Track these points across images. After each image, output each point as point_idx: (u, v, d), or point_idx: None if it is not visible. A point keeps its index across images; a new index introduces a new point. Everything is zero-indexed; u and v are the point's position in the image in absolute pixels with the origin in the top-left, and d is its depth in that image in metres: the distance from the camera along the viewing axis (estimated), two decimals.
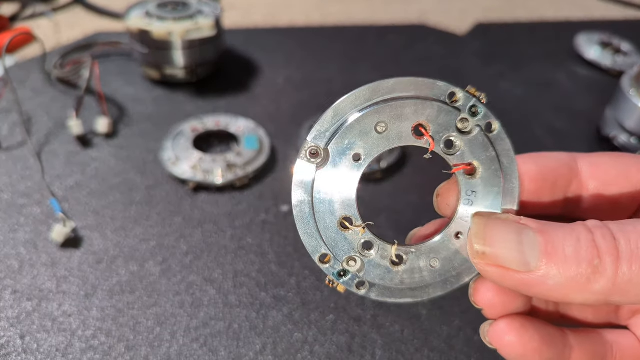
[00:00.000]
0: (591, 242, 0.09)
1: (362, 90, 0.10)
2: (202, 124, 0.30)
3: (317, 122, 0.09)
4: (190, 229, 0.24)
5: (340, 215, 0.10)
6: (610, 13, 0.52)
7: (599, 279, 0.08)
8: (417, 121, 0.10)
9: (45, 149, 0.29)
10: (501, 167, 0.10)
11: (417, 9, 0.50)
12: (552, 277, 0.08)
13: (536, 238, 0.09)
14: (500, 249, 0.09)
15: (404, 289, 0.10)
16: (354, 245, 0.10)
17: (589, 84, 0.39)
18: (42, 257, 0.22)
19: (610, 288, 0.08)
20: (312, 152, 0.10)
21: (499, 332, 0.10)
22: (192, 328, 0.20)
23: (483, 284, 0.10)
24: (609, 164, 0.12)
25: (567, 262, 0.08)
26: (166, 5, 0.34)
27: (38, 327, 0.19)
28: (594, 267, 0.08)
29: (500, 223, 0.09)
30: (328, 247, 0.10)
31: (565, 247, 0.09)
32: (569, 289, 0.08)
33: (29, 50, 0.39)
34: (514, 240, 0.09)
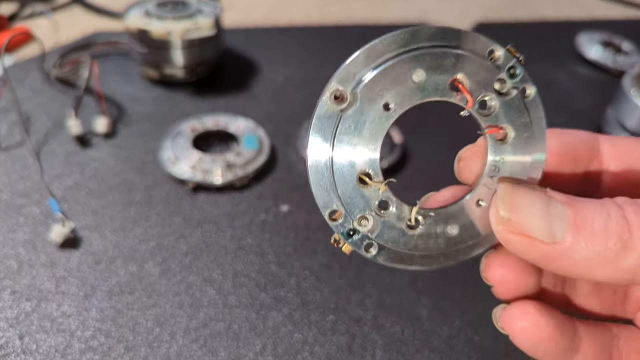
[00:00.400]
0: (621, 217, 0.08)
1: (400, 34, 0.09)
2: (201, 124, 0.29)
3: (346, 62, 0.08)
4: (189, 229, 0.24)
5: (361, 169, 0.09)
6: (611, 12, 0.52)
7: (629, 254, 0.08)
8: (455, 75, 0.09)
9: (44, 149, 0.28)
10: (532, 135, 0.10)
11: (418, 9, 0.50)
12: (578, 250, 0.08)
13: (564, 210, 0.08)
14: (527, 217, 0.08)
15: (414, 255, 0.10)
16: (371, 203, 0.09)
17: (590, 84, 0.39)
18: (41, 258, 0.22)
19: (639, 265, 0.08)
20: (336, 96, 0.09)
21: (512, 316, 0.10)
22: (191, 329, 0.20)
23: (495, 259, 0.10)
24: (631, 146, 0.11)
25: (595, 235, 0.08)
26: (165, 5, 0.33)
27: (37, 327, 0.19)
28: (623, 242, 0.08)
29: (528, 191, 0.09)
30: (342, 203, 0.09)
31: (594, 221, 0.08)
32: (596, 263, 0.08)
33: (28, 50, 0.39)
34: (541, 210, 0.08)
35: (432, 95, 0.09)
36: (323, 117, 0.09)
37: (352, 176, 0.09)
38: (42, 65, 0.35)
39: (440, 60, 0.09)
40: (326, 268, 0.22)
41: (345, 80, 0.09)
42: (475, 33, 0.09)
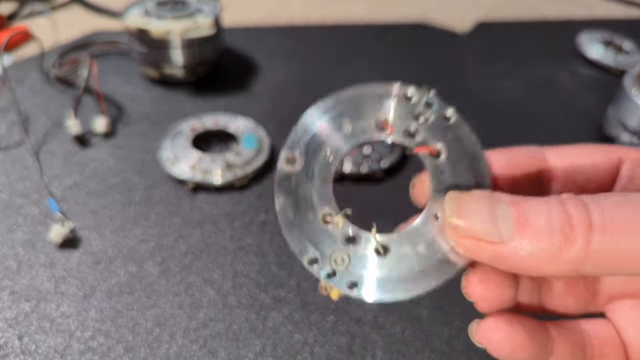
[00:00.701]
0: (563, 212, 0.09)
1: (327, 100, 0.11)
2: (201, 124, 0.29)
3: (291, 132, 0.11)
4: (189, 230, 0.24)
5: (321, 210, 0.11)
6: (612, 12, 0.52)
7: (571, 247, 0.08)
8: (377, 115, 0.11)
9: (43, 149, 0.28)
10: (465, 148, 0.11)
11: (418, 8, 0.50)
12: (524, 247, 0.09)
13: (509, 210, 0.09)
14: (473, 221, 0.09)
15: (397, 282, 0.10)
16: (337, 239, 0.11)
17: (591, 83, 0.39)
18: (40, 258, 0.22)
19: (582, 257, 0.08)
20: (288, 159, 0.11)
21: (486, 331, 0.11)
22: (191, 329, 0.20)
23: (474, 276, 0.10)
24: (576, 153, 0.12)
25: (538, 231, 0.08)
26: (165, 4, 0.33)
27: (36, 328, 0.19)
28: (565, 236, 0.08)
29: (473, 197, 0.10)
30: (314, 247, 0.10)
31: (537, 218, 0.09)
32: (541, 259, 0.08)
33: (27, 49, 0.39)
34: (487, 212, 0.09)
35: (362, 138, 0.11)
36: (282, 179, 0.11)
37: (316, 220, 0.11)
38: (41, 64, 0.34)
39: (360, 110, 0.11)
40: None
41: (293, 146, 0.11)
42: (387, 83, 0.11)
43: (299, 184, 0.11)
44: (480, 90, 0.37)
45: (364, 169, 0.27)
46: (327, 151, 0.11)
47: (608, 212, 0.08)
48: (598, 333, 0.11)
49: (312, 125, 0.11)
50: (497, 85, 0.38)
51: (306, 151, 0.11)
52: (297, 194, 0.11)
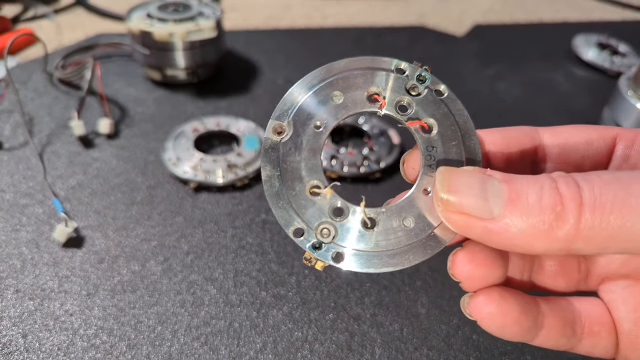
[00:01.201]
0: (554, 190, 0.08)
1: (317, 71, 0.11)
2: (203, 125, 0.30)
3: (280, 102, 0.10)
4: (191, 229, 0.24)
5: (308, 182, 0.10)
6: (608, 14, 0.52)
7: (562, 225, 0.08)
8: (369, 88, 0.10)
9: (47, 149, 0.29)
10: (457, 125, 0.11)
11: (416, 11, 0.50)
12: (515, 224, 0.08)
13: (500, 186, 0.09)
14: (465, 196, 0.09)
15: (382, 256, 0.10)
16: (325, 211, 0.10)
17: (587, 85, 0.39)
18: (44, 257, 0.22)
19: (573, 235, 0.08)
20: (276, 130, 0.10)
21: (479, 304, 0.10)
22: (193, 327, 0.20)
23: (461, 256, 0.10)
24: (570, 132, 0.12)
25: (529, 209, 0.08)
26: (167, 7, 0.34)
27: (40, 326, 0.20)
28: (556, 214, 0.08)
29: (465, 172, 0.09)
30: (300, 218, 0.10)
31: (528, 195, 0.08)
32: (532, 236, 0.08)
33: (31, 51, 0.39)
34: (478, 188, 0.09)
35: (353, 109, 0.11)
36: (269, 149, 0.10)
37: (303, 191, 0.10)
38: (45, 66, 0.35)
39: (352, 81, 0.10)
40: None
41: (281, 116, 0.10)
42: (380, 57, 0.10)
43: (287, 154, 0.10)
44: (477, 91, 0.37)
45: (363, 169, 0.27)
46: (317, 122, 0.10)
47: (599, 190, 0.08)
48: (589, 311, 0.11)
49: (302, 95, 0.10)
50: (494, 86, 0.38)
51: (295, 121, 0.10)
52: (284, 164, 0.10)
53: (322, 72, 0.11)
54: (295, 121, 0.10)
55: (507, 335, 0.10)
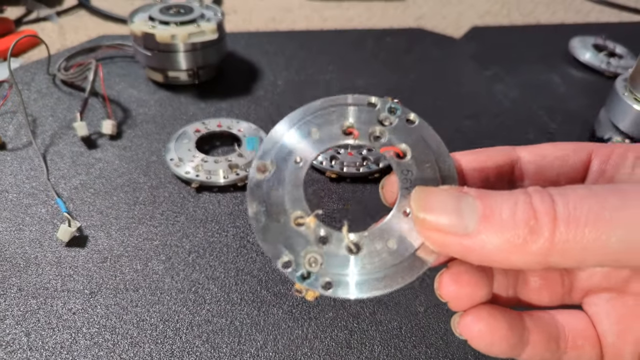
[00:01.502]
0: (528, 205, 0.08)
1: (295, 112, 0.12)
2: (204, 126, 0.30)
3: (262, 143, 0.11)
4: (193, 228, 0.25)
5: (292, 213, 0.11)
6: (604, 16, 0.53)
7: (536, 239, 0.08)
8: (342, 123, 0.11)
9: (51, 150, 0.29)
10: (430, 148, 0.11)
11: (414, 14, 0.51)
12: (490, 239, 0.09)
13: (475, 202, 0.09)
14: (440, 214, 0.09)
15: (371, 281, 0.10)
16: (310, 239, 0.11)
17: (584, 86, 0.40)
18: (47, 256, 0.23)
19: (548, 248, 0.08)
20: (259, 168, 0.11)
21: (468, 323, 0.11)
22: (194, 325, 0.20)
23: (447, 276, 0.11)
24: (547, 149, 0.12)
25: (503, 223, 0.08)
26: (169, 10, 0.34)
27: (43, 324, 0.20)
28: (530, 228, 0.08)
29: (440, 191, 0.10)
30: (287, 249, 0.11)
31: (502, 210, 0.09)
32: (507, 251, 0.08)
33: (34, 53, 0.39)
34: (452, 205, 0.09)
35: (329, 144, 0.11)
36: (254, 186, 0.11)
37: (288, 222, 0.11)
38: (48, 68, 0.35)
39: (326, 118, 0.11)
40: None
41: (264, 156, 0.11)
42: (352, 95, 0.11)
43: (271, 190, 0.11)
44: (475, 93, 0.38)
45: (362, 170, 0.28)
46: (297, 157, 0.11)
47: (573, 204, 0.08)
48: (572, 325, 0.11)
49: (282, 135, 0.11)
50: (492, 88, 0.39)
51: (277, 159, 0.11)
52: (269, 199, 0.11)
53: (300, 112, 0.11)
54: (278, 158, 0.11)
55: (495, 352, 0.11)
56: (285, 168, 0.11)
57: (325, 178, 0.28)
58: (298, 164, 0.11)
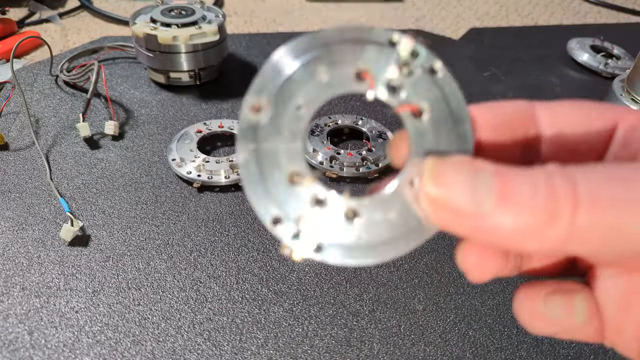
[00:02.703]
0: (549, 186, 0.08)
1: (300, 40, 0.09)
2: (206, 127, 0.30)
3: (257, 76, 0.09)
4: (194, 228, 0.25)
5: (288, 169, 0.09)
6: (602, 18, 0.53)
7: (556, 223, 0.08)
8: (357, 65, 0.09)
9: (53, 150, 0.29)
10: (450, 109, 0.10)
11: (414, 15, 0.51)
12: (506, 222, 0.08)
13: (492, 180, 0.08)
14: (453, 192, 0.08)
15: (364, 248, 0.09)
16: (306, 200, 0.09)
17: (581, 87, 0.40)
18: (50, 255, 0.23)
19: (567, 235, 0.08)
20: (254, 106, 0.09)
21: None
22: (196, 323, 0.20)
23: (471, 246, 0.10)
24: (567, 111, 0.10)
25: (522, 206, 0.08)
26: (171, 11, 0.35)
27: (46, 323, 0.20)
28: (550, 212, 0.08)
29: (454, 164, 0.09)
30: (278, 207, 0.09)
31: (521, 191, 0.08)
32: (524, 235, 0.08)
33: (37, 54, 0.40)
34: (467, 183, 0.08)
35: (339, 89, 0.09)
36: (246, 129, 0.09)
37: (281, 178, 0.09)
38: (50, 69, 0.35)
39: (338, 56, 0.09)
40: (325, 264, 0.23)
41: (260, 91, 0.09)
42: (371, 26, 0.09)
43: (266, 136, 0.09)
44: (473, 94, 0.38)
45: (362, 170, 0.28)
46: (299, 102, 0.09)
47: (596, 187, 0.08)
48: None
49: (283, 69, 0.09)
50: (490, 89, 0.39)
51: (275, 100, 0.09)
52: (262, 148, 0.09)
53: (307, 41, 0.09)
54: (276, 99, 0.09)
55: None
56: (284, 113, 0.09)
57: (326, 178, 0.28)
58: (299, 110, 0.09)
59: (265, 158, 0.09)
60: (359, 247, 0.09)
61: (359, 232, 0.09)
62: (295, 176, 0.09)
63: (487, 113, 0.10)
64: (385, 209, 0.09)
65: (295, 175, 0.09)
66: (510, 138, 0.10)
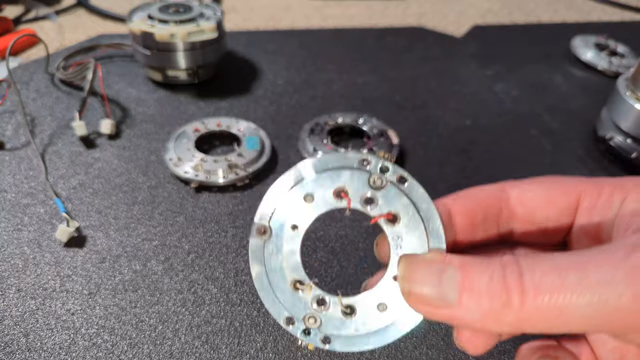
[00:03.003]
0: (502, 278, 0.09)
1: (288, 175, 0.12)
2: (204, 125, 0.30)
3: (259, 206, 0.12)
4: (192, 229, 0.24)
5: (291, 279, 0.12)
6: (606, 15, 0.53)
7: (508, 312, 0.09)
8: (335, 187, 0.12)
9: (49, 150, 0.29)
10: (419, 212, 0.12)
11: (415, 12, 0.51)
12: (470, 310, 0.10)
13: (456, 274, 0.10)
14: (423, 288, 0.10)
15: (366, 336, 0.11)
16: (308, 303, 0.12)
17: (585, 86, 0.39)
18: (46, 256, 0.23)
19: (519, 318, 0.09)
20: (259, 230, 0.12)
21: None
22: (194, 326, 0.20)
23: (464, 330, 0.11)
24: (534, 190, 0.12)
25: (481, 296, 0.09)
26: (168, 8, 0.34)
27: (42, 325, 0.20)
28: (503, 301, 0.09)
29: (423, 263, 0.11)
30: (288, 309, 0.12)
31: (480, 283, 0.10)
32: (486, 321, 0.09)
33: (33, 52, 0.39)
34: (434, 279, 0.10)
35: (324, 208, 0.12)
36: (255, 249, 0.12)
37: (286, 287, 0.12)
38: (46, 67, 0.35)
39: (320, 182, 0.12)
40: (325, 266, 0.23)
41: (263, 218, 0.12)
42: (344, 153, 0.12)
43: (270, 255, 0.12)
44: (476, 92, 0.38)
45: None
46: (293, 223, 0.12)
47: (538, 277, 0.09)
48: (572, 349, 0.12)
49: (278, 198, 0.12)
50: (493, 87, 0.38)
51: (274, 225, 0.12)
52: (269, 262, 0.12)
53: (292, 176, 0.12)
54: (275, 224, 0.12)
55: None
56: (282, 235, 0.12)
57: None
58: (294, 230, 0.12)
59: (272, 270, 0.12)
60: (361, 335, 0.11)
61: (357, 323, 0.11)
62: (298, 283, 0.12)
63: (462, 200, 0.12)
64: (377, 302, 0.11)
65: (297, 283, 0.12)
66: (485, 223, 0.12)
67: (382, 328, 0.11)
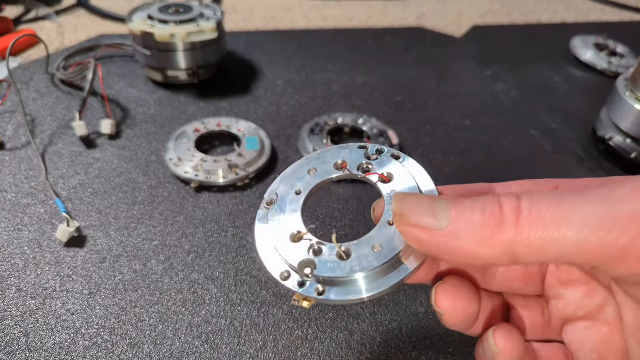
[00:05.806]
0: (496, 202, 0.10)
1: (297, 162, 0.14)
2: (204, 126, 0.30)
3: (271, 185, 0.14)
4: (192, 228, 0.24)
5: (292, 232, 0.13)
6: (606, 16, 0.53)
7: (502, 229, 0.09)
8: (336, 161, 0.14)
9: (49, 150, 0.29)
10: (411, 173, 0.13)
11: (415, 13, 0.51)
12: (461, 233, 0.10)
13: (448, 204, 0.10)
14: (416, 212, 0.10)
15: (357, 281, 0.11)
16: (305, 250, 0.12)
17: (585, 86, 0.39)
18: (46, 256, 0.23)
19: (514, 238, 0.09)
20: (267, 203, 0.13)
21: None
22: (194, 325, 0.20)
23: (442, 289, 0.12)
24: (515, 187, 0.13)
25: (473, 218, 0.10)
26: (168, 9, 0.34)
27: (42, 325, 0.20)
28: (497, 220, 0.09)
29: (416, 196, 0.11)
30: (287, 264, 0.12)
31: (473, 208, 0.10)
32: (477, 244, 0.10)
33: (33, 52, 0.39)
34: (427, 204, 0.10)
35: (325, 177, 0.13)
36: (261, 217, 0.13)
37: (286, 238, 0.12)
38: (47, 67, 0.35)
39: (323, 159, 0.14)
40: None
41: (271, 193, 0.14)
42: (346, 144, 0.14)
43: (274, 214, 0.13)
44: (476, 92, 0.38)
45: None
46: (298, 189, 0.13)
47: (537, 201, 0.09)
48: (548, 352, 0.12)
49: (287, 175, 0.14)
50: (492, 87, 0.38)
51: (280, 193, 0.13)
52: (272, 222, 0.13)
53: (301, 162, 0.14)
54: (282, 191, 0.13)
55: None
56: (287, 198, 0.13)
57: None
58: (298, 194, 0.13)
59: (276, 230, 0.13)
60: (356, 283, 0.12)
61: (351, 266, 0.12)
62: (296, 236, 0.12)
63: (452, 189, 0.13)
64: (371, 245, 0.12)
65: (295, 236, 0.12)
66: None
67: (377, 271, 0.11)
